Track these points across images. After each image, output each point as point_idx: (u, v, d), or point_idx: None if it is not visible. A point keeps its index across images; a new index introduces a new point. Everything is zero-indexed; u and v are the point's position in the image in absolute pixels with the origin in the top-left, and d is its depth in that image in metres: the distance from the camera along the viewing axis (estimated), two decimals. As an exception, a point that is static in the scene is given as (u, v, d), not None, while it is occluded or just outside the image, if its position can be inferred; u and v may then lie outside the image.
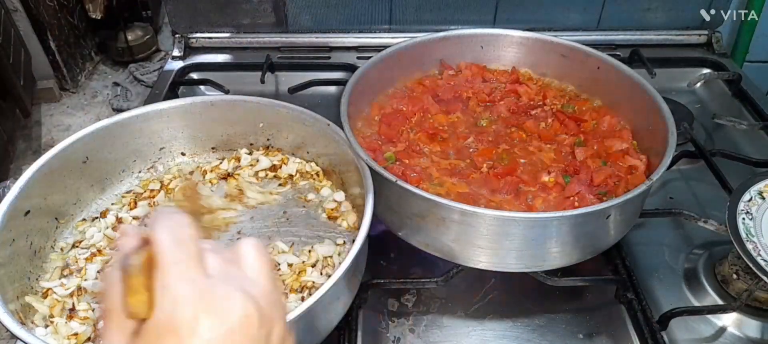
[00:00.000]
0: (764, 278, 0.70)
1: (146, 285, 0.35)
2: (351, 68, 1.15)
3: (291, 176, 0.86)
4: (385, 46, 0.94)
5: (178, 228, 0.37)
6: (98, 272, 0.72)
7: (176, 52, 1.26)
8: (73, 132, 0.79)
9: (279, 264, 0.73)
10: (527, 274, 0.75)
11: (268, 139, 0.89)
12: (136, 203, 0.82)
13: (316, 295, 0.59)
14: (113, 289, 0.35)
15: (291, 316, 0.57)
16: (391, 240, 0.83)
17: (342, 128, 0.77)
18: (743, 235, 0.74)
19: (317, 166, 0.87)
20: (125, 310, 0.34)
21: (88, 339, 0.65)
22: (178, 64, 1.23)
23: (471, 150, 0.85)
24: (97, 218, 0.80)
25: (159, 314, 0.33)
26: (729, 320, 0.77)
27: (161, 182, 0.85)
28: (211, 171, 0.86)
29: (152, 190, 0.84)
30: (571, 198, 0.76)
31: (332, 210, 0.81)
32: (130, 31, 1.42)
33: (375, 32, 1.27)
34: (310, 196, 0.83)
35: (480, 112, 0.92)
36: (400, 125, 0.88)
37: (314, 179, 0.86)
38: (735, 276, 0.79)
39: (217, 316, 0.33)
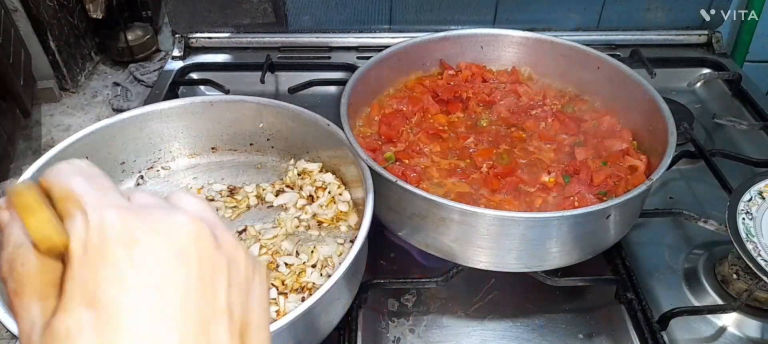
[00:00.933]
0: (764, 278, 0.70)
1: (43, 204, 0.27)
2: (351, 68, 1.14)
3: (300, 187, 0.84)
4: (385, 46, 0.94)
5: (79, 165, 0.30)
6: None
7: (176, 52, 1.26)
8: (73, 132, 0.79)
9: (278, 264, 0.73)
10: (527, 274, 0.75)
11: (267, 140, 0.89)
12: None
13: (316, 296, 0.59)
14: (17, 257, 0.27)
15: (291, 317, 0.57)
16: (391, 240, 0.83)
17: (342, 128, 0.77)
18: (743, 235, 0.74)
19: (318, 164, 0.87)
20: (33, 240, 0.26)
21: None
22: (178, 64, 1.23)
23: (471, 150, 0.85)
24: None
25: (79, 241, 0.26)
26: (729, 320, 0.77)
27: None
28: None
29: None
30: (571, 198, 0.76)
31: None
32: (130, 31, 1.42)
33: (375, 32, 1.27)
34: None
35: (480, 112, 0.92)
36: (400, 125, 0.88)
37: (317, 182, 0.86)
38: (735, 276, 0.79)
39: (160, 233, 0.27)
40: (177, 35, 1.28)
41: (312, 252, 0.74)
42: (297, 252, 0.74)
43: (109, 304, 0.24)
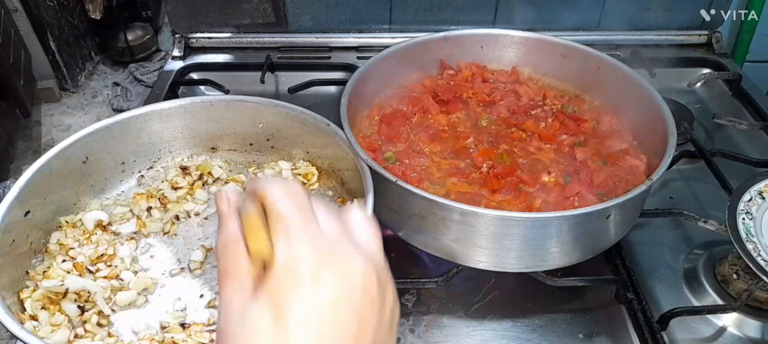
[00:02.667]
0: (764, 278, 0.70)
1: (264, 228, 0.36)
2: (351, 68, 1.14)
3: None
4: (385, 46, 0.94)
5: (291, 189, 0.38)
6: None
7: (176, 52, 1.26)
8: (73, 132, 0.79)
9: None
10: (527, 274, 0.75)
11: (267, 140, 0.89)
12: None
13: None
14: (230, 248, 0.37)
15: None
16: (391, 240, 0.83)
17: (342, 128, 0.77)
18: (743, 235, 0.74)
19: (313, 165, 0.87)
20: (249, 250, 0.36)
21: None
22: (178, 64, 1.23)
23: (471, 150, 0.85)
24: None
25: (281, 262, 0.34)
26: (729, 320, 0.77)
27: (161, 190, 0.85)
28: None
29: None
30: (571, 198, 0.76)
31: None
32: (130, 31, 1.42)
33: (375, 32, 1.27)
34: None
35: (480, 112, 0.92)
36: (400, 125, 0.88)
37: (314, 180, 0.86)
38: (735, 276, 0.79)
39: (339, 273, 0.34)
40: (177, 35, 1.28)
41: None
42: None
43: (287, 316, 0.33)
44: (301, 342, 0.32)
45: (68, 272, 0.69)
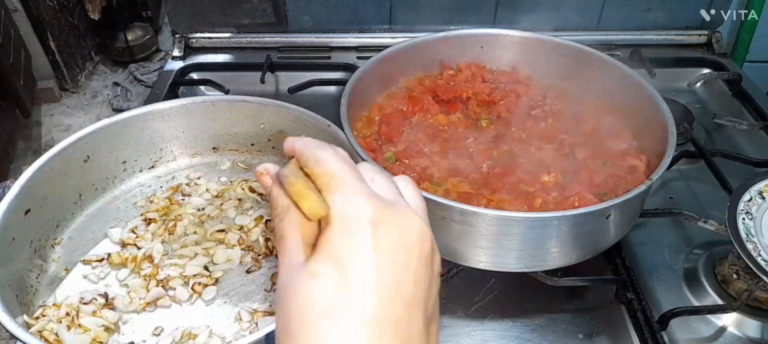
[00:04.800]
0: (764, 278, 0.70)
1: (309, 187, 0.37)
2: (351, 68, 1.15)
3: None
4: (385, 46, 0.94)
5: (336, 148, 0.39)
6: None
7: (176, 52, 1.26)
8: (73, 132, 0.79)
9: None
10: (527, 274, 0.75)
11: (269, 140, 0.89)
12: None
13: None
14: (285, 217, 0.38)
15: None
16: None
17: (342, 128, 0.77)
18: (743, 235, 0.74)
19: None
20: (306, 214, 0.36)
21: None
22: (178, 64, 1.23)
23: (471, 150, 0.85)
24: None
25: (339, 217, 0.35)
26: (729, 320, 0.77)
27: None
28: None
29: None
30: (571, 198, 0.76)
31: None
32: (130, 31, 1.42)
33: (375, 32, 1.27)
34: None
35: (480, 112, 0.92)
36: (400, 125, 0.88)
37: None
38: (735, 276, 0.79)
39: (397, 227, 0.35)
40: (177, 35, 1.28)
41: None
42: None
43: (347, 265, 0.33)
44: (362, 294, 0.32)
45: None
